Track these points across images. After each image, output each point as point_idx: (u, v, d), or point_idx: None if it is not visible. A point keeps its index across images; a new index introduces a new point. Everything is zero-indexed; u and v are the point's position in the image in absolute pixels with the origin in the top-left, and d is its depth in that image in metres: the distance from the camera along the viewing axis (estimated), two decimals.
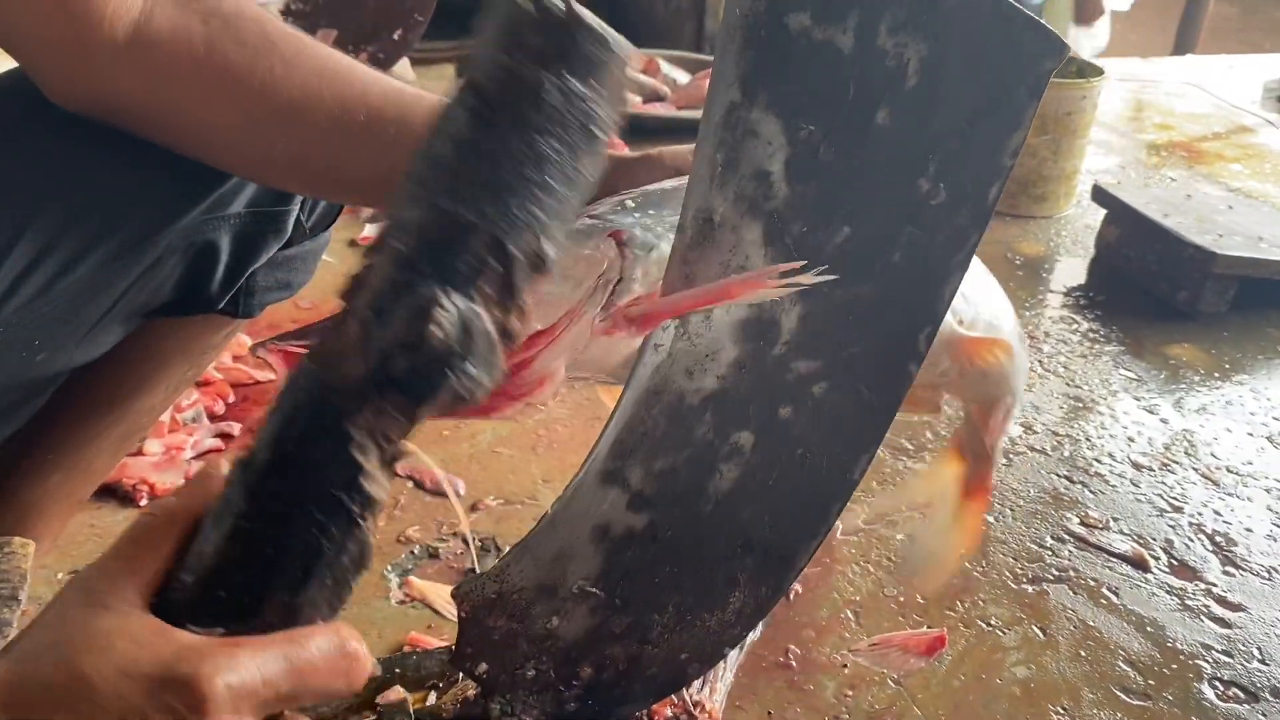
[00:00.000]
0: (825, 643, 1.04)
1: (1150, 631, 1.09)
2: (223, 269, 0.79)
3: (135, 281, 0.75)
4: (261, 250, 0.81)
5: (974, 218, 0.66)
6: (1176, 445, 1.41)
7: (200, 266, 0.79)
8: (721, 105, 0.59)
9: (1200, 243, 1.68)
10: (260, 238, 0.80)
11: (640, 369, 0.68)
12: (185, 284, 0.79)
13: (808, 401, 0.70)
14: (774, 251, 0.64)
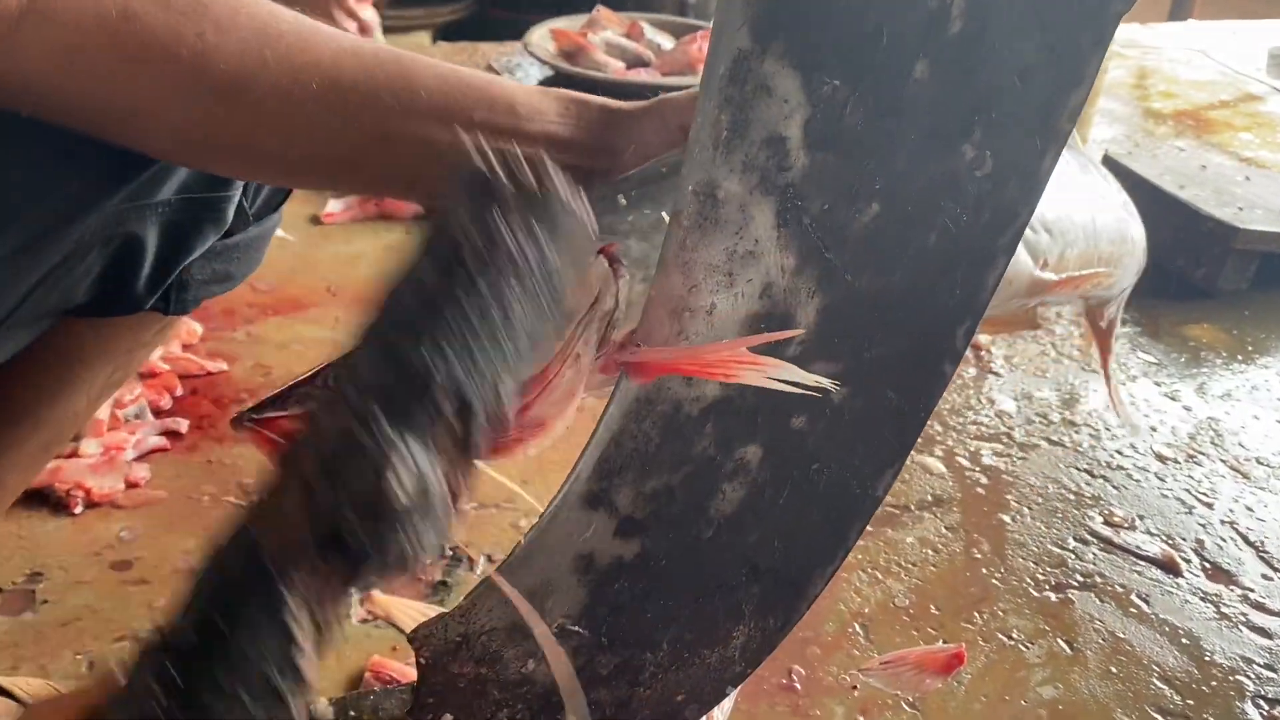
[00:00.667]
0: (832, 661, 0.95)
1: (1185, 644, 1.00)
2: (150, 264, 0.68)
3: (42, 281, 0.63)
4: (196, 242, 0.69)
5: (1024, 192, 0.56)
6: (1202, 435, 1.32)
7: (123, 261, 0.67)
8: (728, 55, 0.48)
9: (1220, 216, 1.58)
10: (194, 228, 0.68)
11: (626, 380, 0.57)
12: (105, 281, 0.68)
13: (825, 410, 0.60)
14: (788, 234, 0.53)
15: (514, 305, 0.42)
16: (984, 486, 1.19)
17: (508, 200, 0.43)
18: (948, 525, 1.13)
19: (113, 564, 1.00)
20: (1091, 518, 1.15)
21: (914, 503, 1.15)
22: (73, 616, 0.94)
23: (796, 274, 0.55)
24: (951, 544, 1.10)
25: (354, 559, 0.39)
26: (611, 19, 2.51)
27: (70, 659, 0.90)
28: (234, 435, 1.18)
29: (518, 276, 0.42)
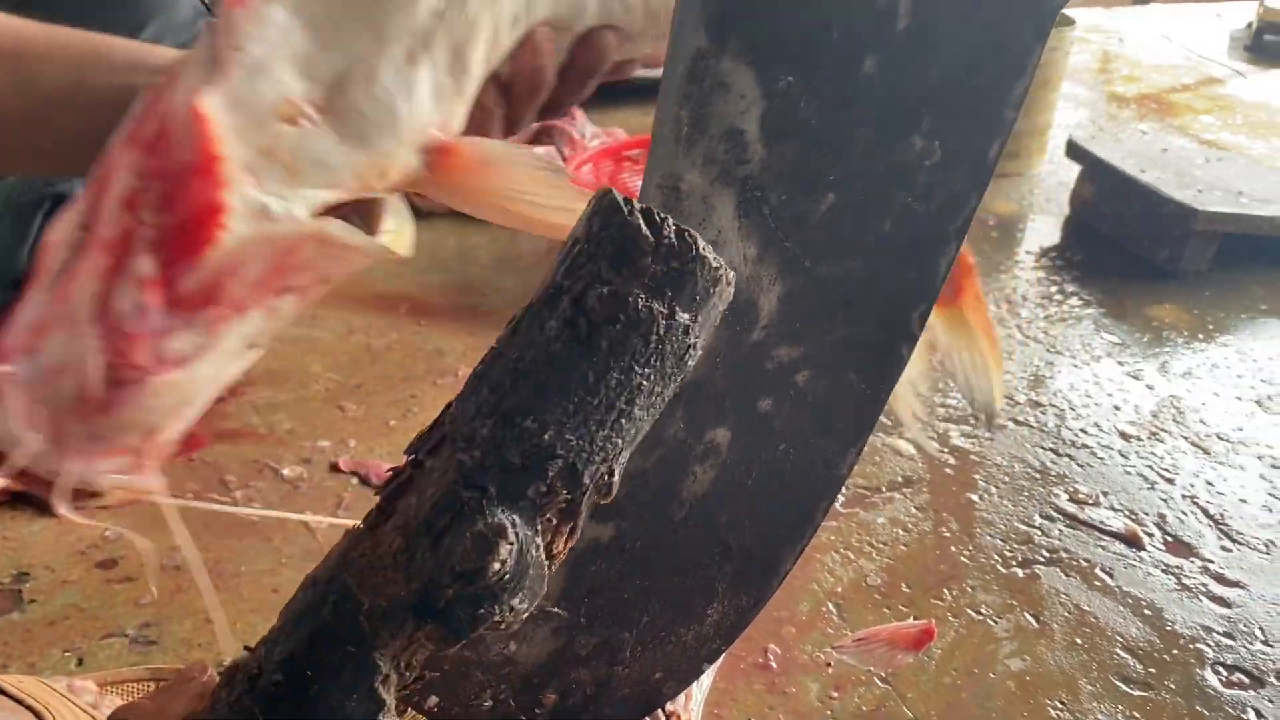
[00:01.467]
0: (807, 640, 0.97)
1: (1148, 614, 1.03)
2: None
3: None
4: None
5: (973, 179, 0.58)
6: (1164, 412, 1.35)
7: None
8: (686, 54, 0.51)
9: (1181, 199, 1.62)
10: None
11: None
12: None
13: (790, 392, 0.62)
14: (750, 225, 0.56)
15: (645, 383, 0.41)
16: (952, 467, 1.22)
17: (654, 272, 0.40)
18: (917, 505, 1.15)
19: (98, 562, 1.02)
20: (1057, 495, 1.18)
21: (884, 484, 1.18)
22: (60, 615, 0.96)
23: (758, 262, 0.57)
24: (921, 523, 1.13)
25: (449, 629, 0.39)
26: None
27: (59, 656, 0.91)
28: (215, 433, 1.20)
29: (656, 356, 0.41)
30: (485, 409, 0.40)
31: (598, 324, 0.39)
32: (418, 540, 0.38)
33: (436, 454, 0.41)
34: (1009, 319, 1.54)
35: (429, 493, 0.39)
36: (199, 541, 1.05)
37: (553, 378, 0.39)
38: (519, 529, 0.39)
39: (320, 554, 1.03)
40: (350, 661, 0.38)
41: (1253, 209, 1.64)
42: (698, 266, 0.42)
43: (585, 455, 0.40)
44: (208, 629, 0.95)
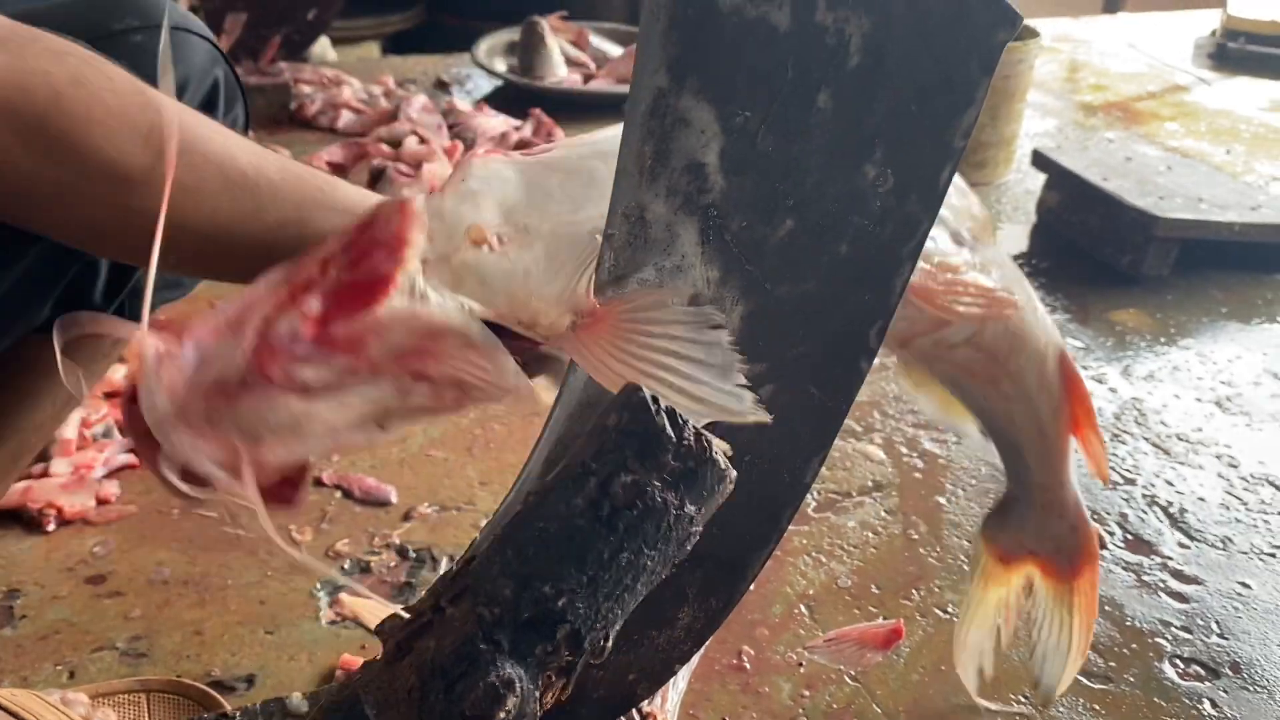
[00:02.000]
0: (779, 641, 1.01)
1: (1109, 610, 1.07)
2: (104, 277, 0.72)
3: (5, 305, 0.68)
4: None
5: (924, 204, 0.62)
6: (1126, 414, 1.39)
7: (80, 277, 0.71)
8: (648, 92, 0.54)
9: (1142, 206, 1.66)
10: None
11: (572, 380, 0.62)
12: (64, 298, 0.72)
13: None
14: (712, 250, 0.59)
15: (650, 563, 0.46)
16: (921, 471, 1.26)
17: (672, 468, 0.46)
18: (887, 509, 1.19)
19: (87, 578, 1.04)
20: None
21: (855, 489, 1.22)
22: (50, 630, 0.98)
23: (721, 284, 0.60)
24: (890, 526, 1.16)
25: None
26: (560, 27, 2.55)
27: (51, 669, 0.94)
28: None
29: (663, 541, 0.46)
30: (509, 570, 0.44)
31: (619, 508, 0.44)
32: (433, 682, 0.43)
33: (458, 603, 0.44)
34: None
35: (448, 640, 0.44)
36: (186, 556, 1.07)
37: (572, 550, 0.44)
38: (524, 683, 0.43)
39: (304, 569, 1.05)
40: None
41: (1212, 215, 1.69)
42: (710, 468, 0.47)
43: (590, 622, 0.44)
44: (196, 641, 0.97)
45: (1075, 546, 0.83)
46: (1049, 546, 0.84)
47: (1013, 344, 0.75)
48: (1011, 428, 0.80)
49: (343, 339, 0.50)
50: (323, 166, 1.87)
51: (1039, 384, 0.77)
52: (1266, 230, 1.70)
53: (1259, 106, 2.59)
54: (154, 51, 0.72)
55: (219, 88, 0.78)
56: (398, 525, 1.13)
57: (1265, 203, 1.78)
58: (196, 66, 0.75)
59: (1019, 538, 0.85)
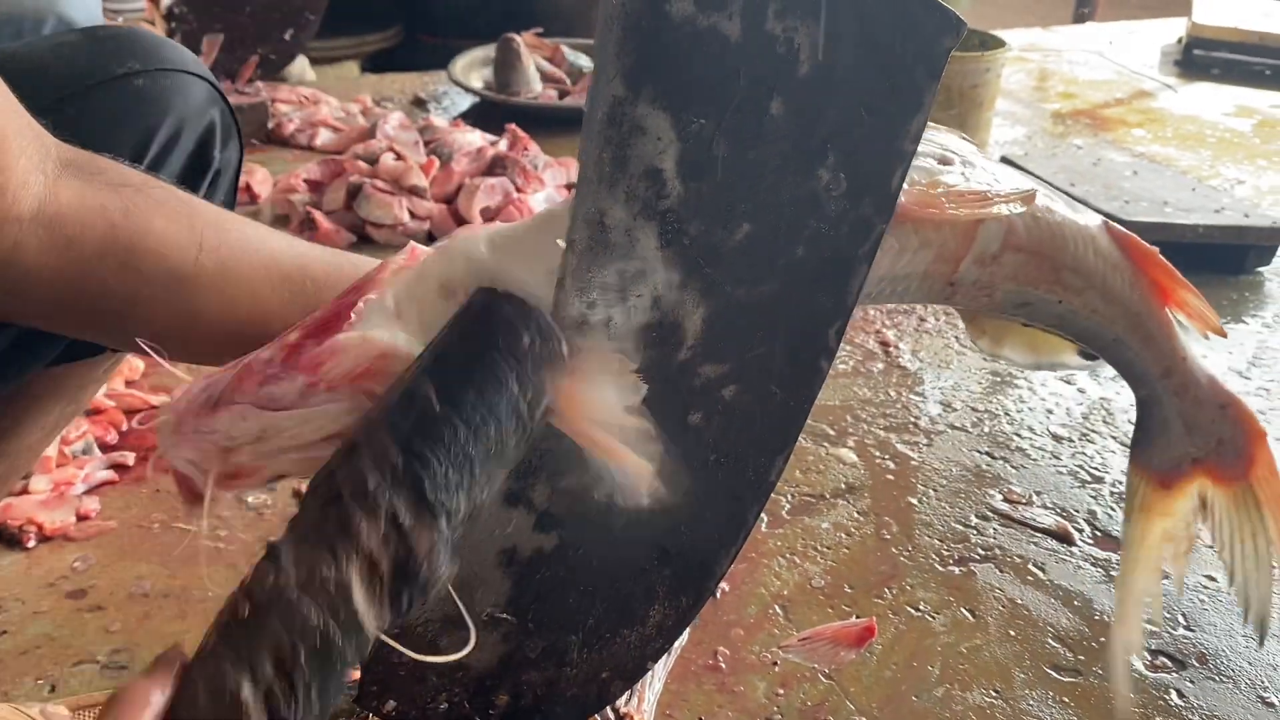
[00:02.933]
0: (754, 641, 1.02)
1: (1078, 605, 1.09)
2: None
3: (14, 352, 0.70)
4: None
5: (878, 207, 0.64)
6: (1095, 414, 1.42)
7: None
8: (605, 101, 0.56)
9: (1108, 210, 1.69)
10: None
11: None
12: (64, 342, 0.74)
13: (717, 406, 0.67)
14: (672, 253, 0.61)
15: (499, 438, 0.51)
16: (893, 473, 1.28)
17: (528, 353, 0.51)
18: (860, 510, 1.21)
19: (68, 593, 1.05)
20: (992, 496, 1.24)
21: (829, 491, 1.23)
22: (32, 645, 0.99)
23: (681, 288, 0.62)
24: (863, 527, 1.18)
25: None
26: (535, 44, 2.57)
27: (32, 684, 0.94)
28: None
29: (509, 420, 0.51)
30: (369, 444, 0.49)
31: (467, 388, 0.52)
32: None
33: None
34: (947, 330, 1.61)
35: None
36: (166, 570, 1.08)
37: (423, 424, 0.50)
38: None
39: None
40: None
41: (1177, 218, 1.72)
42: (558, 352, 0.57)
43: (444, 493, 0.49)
44: None
45: (1235, 429, 0.72)
46: (1209, 443, 0.72)
47: (1053, 231, 0.69)
48: (1100, 319, 0.70)
49: (305, 362, 0.56)
50: (300, 184, 1.88)
51: (1102, 261, 0.69)
52: (1229, 232, 1.74)
53: (1224, 111, 2.63)
54: (154, 94, 0.75)
55: (215, 127, 0.80)
56: None
57: (1229, 205, 1.81)
58: (193, 107, 0.77)
59: (1172, 448, 0.73)
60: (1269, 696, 0.99)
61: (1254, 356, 1.57)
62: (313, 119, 2.24)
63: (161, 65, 0.76)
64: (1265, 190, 2.18)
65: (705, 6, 0.55)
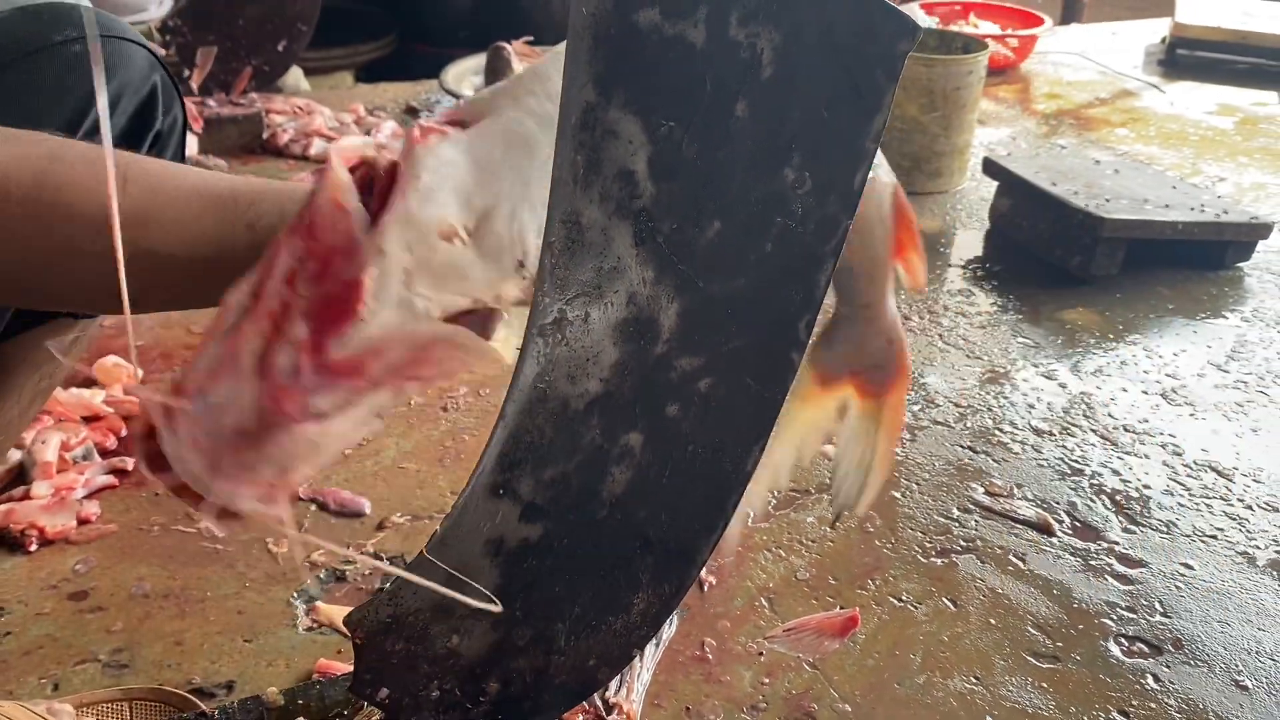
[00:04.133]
0: (741, 632, 1.05)
1: (1057, 594, 1.12)
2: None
3: None
4: None
5: (843, 204, 0.66)
6: (1075, 408, 1.45)
7: None
8: (577, 107, 0.58)
9: (1088, 208, 1.72)
10: None
11: (520, 378, 0.66)
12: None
13: (694, 398, 0.69)
14: (646, 252, 0.63)
15: None
16: None
17: None
18: None
19: (70, 594, 1.07)
20: (974, 489, 1.27)
21: (813, 485, 1.26)
22: (35, 645, 1.01)
23: (656, 283, 0.65)
24: (847, 521, 1.21)
25: None
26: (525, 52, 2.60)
27: (35, 683, 0.97)
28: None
29: None
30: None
31: None
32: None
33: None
34: (931, 329, 1.64)
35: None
36: (165, 571, 1.10)
37: None
38: None
39: (282, 578, 1.09)
40: None
41: (1156, 215, 1.75)
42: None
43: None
44: (177, 651, 1.01)
45: (890, 360, 0.86)
46: (867, 364, 0.87)
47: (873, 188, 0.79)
48: (850, 254, 0.81)
49: (343, 363, 0.54)
50: None
51: (877, 216, 0.82)
52: (1208, 228, 1.76)
53: (1206, 110, 2.66)
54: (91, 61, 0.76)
55: (157, 92, 0.82)
56: (372, 535, 1.16)
57: (1208, 202, 1.84)
58: (134, 74, 0.79)
59: (841, 358, 0.87)
60: (1242, 680, 1.02)
61: (1232, 350, 1.60)
62: (307, 129, 2.26)
63: (99, 33, 0.75)
64: (1246, 187, 2.21)
65: (671, 15, 0.58)
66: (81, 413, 1.30)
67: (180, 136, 0.87)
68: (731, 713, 0.95)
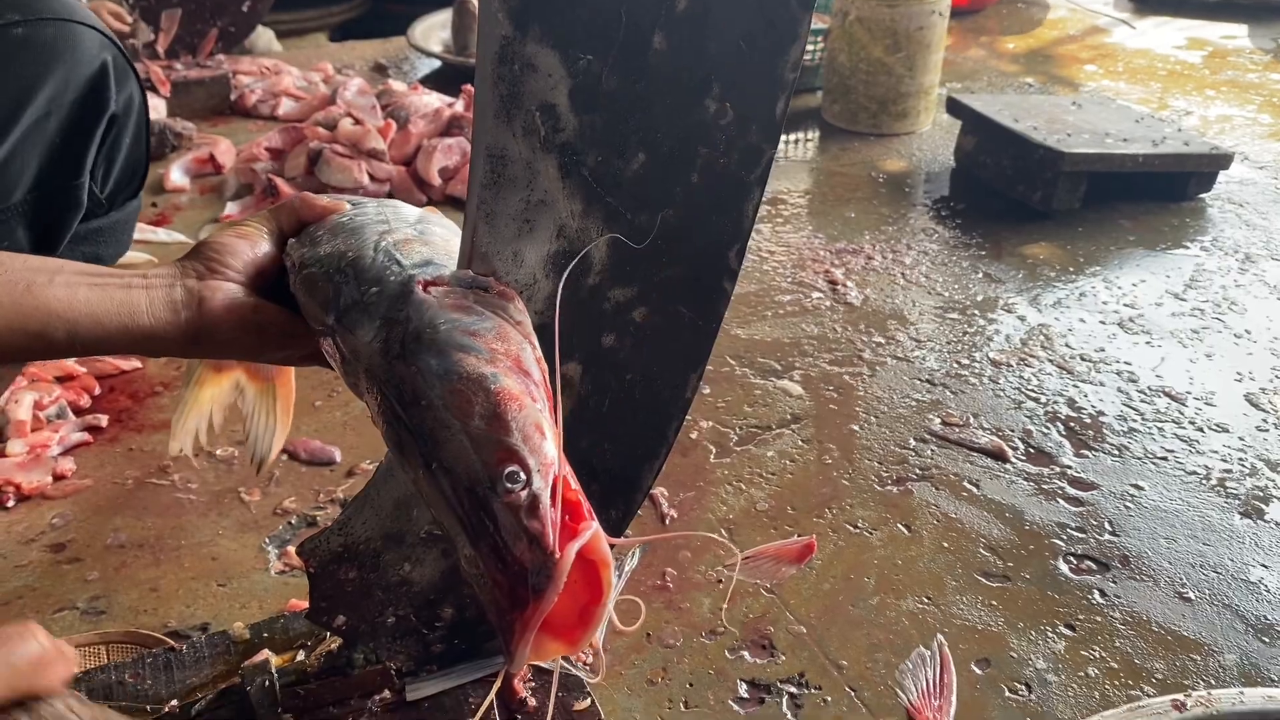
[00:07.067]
0: (701, 562, 1.08)
1: (1009, 517, 1.15)
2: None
3: None
4: (61, 231, 0.79)
5: (764, 133, 0.68)
6: (1034, 340, 1.47)
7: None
8: (494, 41, 0.60)
9: (1049, 143, 1.74)
10: (56, 217, 0.78)
11: None
12: None
13: (629, 328, 0.72)
14: (572, 184, 0.65)
15: None
16: (836, 402, 1.33)
17: None
18: (803, 438, 1.26)
19: (48, 546, 1.10)
20: (930, 420, 1.30)
21: (774, 422, 1.29)
22: (14, 596, 1.04)
23: (584, 216, 0.67)
24: (806, 454, 1.24)
25: None
26: None
27: None
28: (152, 424, 1.27)
29: None
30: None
31: None
32: None
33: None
34: (893, 267, 1.66)
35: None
36: (140, 522, 1.13)
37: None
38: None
39: (255, 525, 1.11)
40: None
41: (1116, 148, 1.76)
42: None
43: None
44: (153, 597, 1.04)
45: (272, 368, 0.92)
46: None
47: None
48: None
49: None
50: (262, 153, 1.91)
51: None
52: (1169, 160, 1.78)
53: (1175, 45, 2.67)
54: (36, 44, 0.77)
55: (108, 70, 0.81)
56: (342, 482, 1.19)
57: (1170, 135, 1.86)
58: (81, 54, 0.79)
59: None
60: (1186, 592, 1.05)
61: (1190, 279, 1.62)
62: (275, 89, 2.26)
63: (43, 15, 0.76)
64: (1212, 120, 2.22)
65: None
66: (54, 373, 1.32)
67: (140, 117, 0.86)
68: (691, 637, 0.99)
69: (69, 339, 0.64)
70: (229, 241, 0.69)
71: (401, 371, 0.58)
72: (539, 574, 0.49)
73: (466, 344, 0.59)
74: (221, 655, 0.84)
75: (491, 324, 0.61)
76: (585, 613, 0.53)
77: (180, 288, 0.66)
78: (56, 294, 0.63)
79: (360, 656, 0.77)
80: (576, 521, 0.52)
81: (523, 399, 0.57)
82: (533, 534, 0.50)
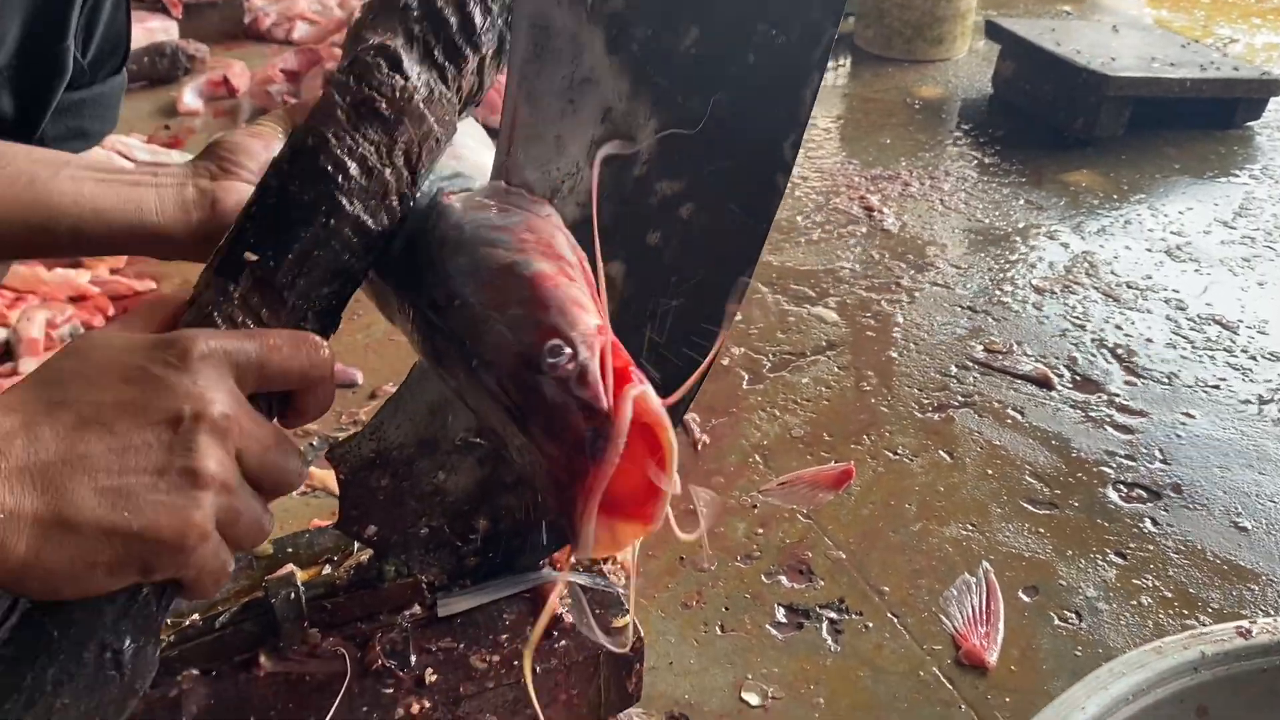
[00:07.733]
0: (735, 487, 1.04)
1: (1055, 445, 1.10)
2: (9, 128, 0.74)
3: None
4: (46, 95, 0.75)
5: (826, 9, 0.63)
6: (1077, 267, 1.42)
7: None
8: None
9: (1093, 66, 1.67)
10: (40, 82, 0.74)
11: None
12: None
13: (676, 225, 0.67)
14: (620, 61, 0.60)
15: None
16: (874, 329, 1.28)
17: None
18: (840, 365, 1.22)
19: None
20: (972, 347, 1.25)
21: (809, 349, 1.24)
22: None
23: (632, 98, 0.62)
24: (843, 380, 1.19)
25: None
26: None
27: None
28: None
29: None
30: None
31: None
32: None
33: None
34: (931, 194, 1.60)
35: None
36: None
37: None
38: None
39: None
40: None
41: (1163, 72, 1.69)
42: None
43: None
44: None
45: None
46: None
47: None
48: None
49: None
50: (278, 75, 1.86)
51: None
52: (1217, 85, 1.71)
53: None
54: None
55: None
56: (364, 404, 1.15)
57: (1218, 60, 1.78)
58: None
59: None
60: (1241, 521, 1.01)
61: (1240, 207, 1.56)
62: (289, 13, 2.20)
63: None
64: (1259, 48, 2.14)
65: None
66: (68, 293, 1.28)
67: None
68: (725, 561, 0.95)
69: (73, 235, 0.61)
70: (243, 141, 0.65)
71: (431, 279, 0.54)
72: (596, 438, 0.45)
73: (494, 238, 0.55)
74: (244, 570, 0.80)
75: (519, 217, 0.57)
76: (651, 489, 0.49)
77: (192, 187, 0.63)
78: (61, 188, 0.61)
79: (391, 569, 0.74)
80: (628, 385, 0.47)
81: (556, 278, 0.53)
82: (584, 401, 0.45)
